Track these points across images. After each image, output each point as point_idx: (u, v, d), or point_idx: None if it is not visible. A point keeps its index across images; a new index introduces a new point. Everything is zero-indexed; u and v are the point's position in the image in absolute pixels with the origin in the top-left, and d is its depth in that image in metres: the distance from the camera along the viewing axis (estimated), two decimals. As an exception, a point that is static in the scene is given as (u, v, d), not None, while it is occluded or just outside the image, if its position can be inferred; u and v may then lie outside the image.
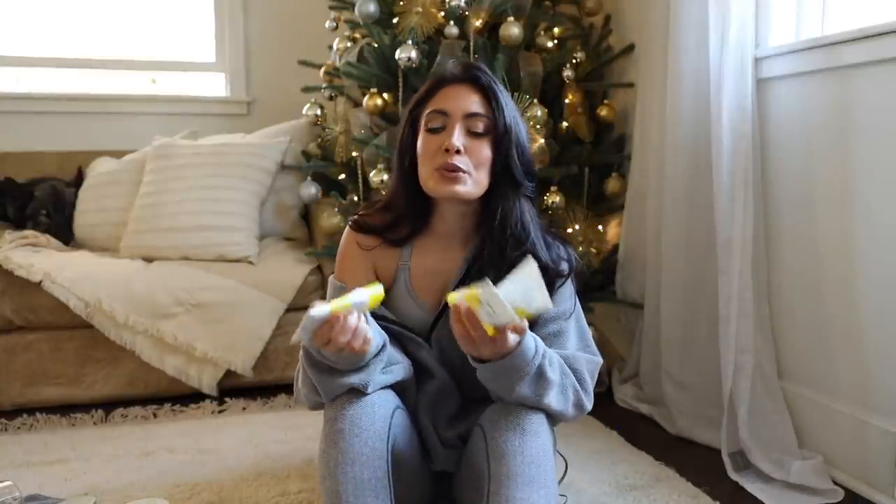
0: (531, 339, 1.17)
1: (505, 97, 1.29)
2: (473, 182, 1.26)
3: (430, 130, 1.27)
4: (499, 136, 1.26)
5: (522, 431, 1.19)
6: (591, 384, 1.29)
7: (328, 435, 1.18)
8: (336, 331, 1.08)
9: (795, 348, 1.86)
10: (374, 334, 1.17)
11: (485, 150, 1.25)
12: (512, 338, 1.13)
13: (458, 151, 1.23)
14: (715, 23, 1.86)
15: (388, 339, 1.25)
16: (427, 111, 1.29)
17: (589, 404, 1.29)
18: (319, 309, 1.07)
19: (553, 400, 1.21)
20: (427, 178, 1.27)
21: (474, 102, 1.26)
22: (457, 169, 1.23)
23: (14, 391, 2.16)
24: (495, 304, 1.06)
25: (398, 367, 1.28)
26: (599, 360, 1.33)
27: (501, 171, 1.27)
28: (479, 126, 1.26)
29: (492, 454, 1.18)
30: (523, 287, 1.09)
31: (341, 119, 2.40)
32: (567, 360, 1.26)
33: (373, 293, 1.14)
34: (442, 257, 1.34)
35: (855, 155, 1.66)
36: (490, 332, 1.09)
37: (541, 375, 1.18)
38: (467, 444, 1.32)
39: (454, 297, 1.10)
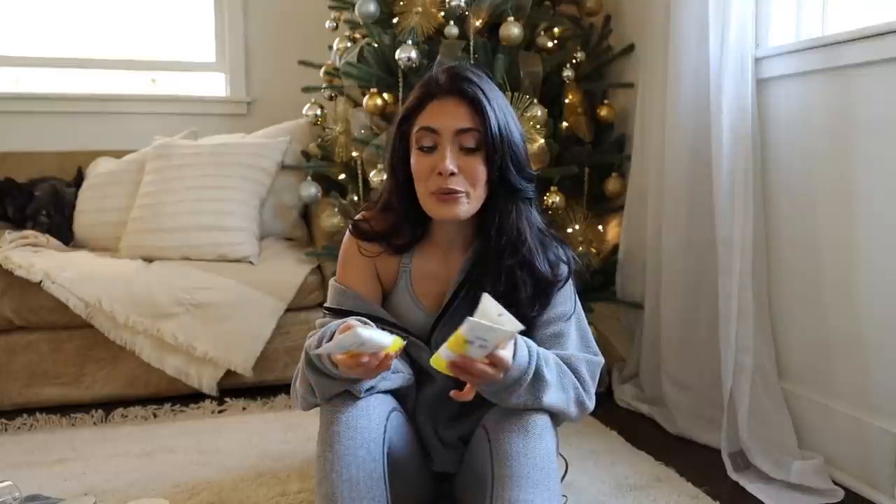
0: (523, 347, 1.16)
1: (493, 104, 1.24)
2: (472, 200, 1.24)
3: (422, 149, 1.24)
4: (491, 148, 1.22)
5: (527, 433, 1.18)
6: (591, 384, 1.29)
7: (323, 438, 1.18)
8: (370, 362, 1.07)
9: (795, 348, 1.86)
10: None
11: (479, 167, 1.22)
12: (505, 353, 1.10)
13: (451, 174, 1.20)
14: (715, 23, 1.86)
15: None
16: (416, 128, 1.25)
17: (591, 403, 1.28)
18: (372, 336, 1.02)
19: (553, 398, 1.20)
20: (425, 201, 1.25)
21: (463, 116, 1.22)
22: (454, 193, 1.21)
23: (14, 391, 2.16)
24: (483, 332, 1.01)
25: (398, 375, 1.27)
26: (600, 360, 1.32)
27: (498, 181, 1.25)
28: (471, 141, 1.22)
29: (495, 456, 1.17)
30: (491, 314, 1.03)
31: (341, 119, 2.40)
32: (566, 360, 1.25)
33: (395, 342, 1.09)
34: (442, 261, 1.34)
35: (855, 155, 1.66)
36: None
37: (538, 378, 1.18)
38: (470, 445, 1.31)
39: (440, 362, 1.05)
